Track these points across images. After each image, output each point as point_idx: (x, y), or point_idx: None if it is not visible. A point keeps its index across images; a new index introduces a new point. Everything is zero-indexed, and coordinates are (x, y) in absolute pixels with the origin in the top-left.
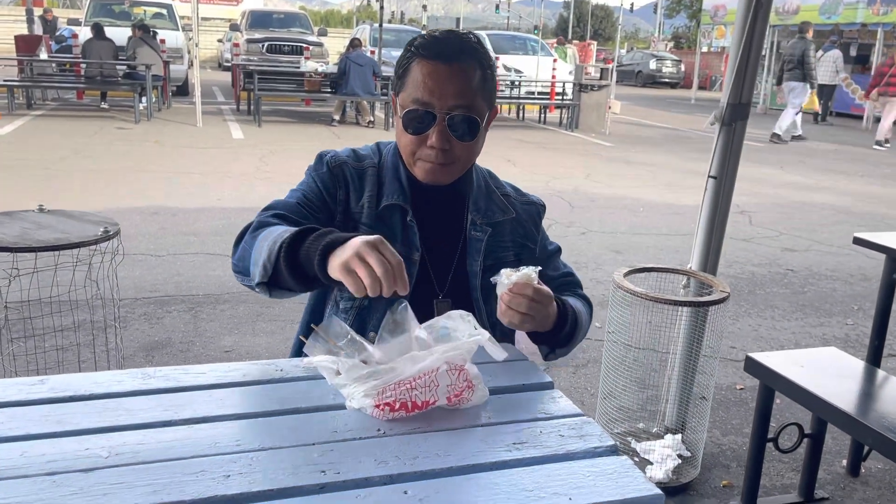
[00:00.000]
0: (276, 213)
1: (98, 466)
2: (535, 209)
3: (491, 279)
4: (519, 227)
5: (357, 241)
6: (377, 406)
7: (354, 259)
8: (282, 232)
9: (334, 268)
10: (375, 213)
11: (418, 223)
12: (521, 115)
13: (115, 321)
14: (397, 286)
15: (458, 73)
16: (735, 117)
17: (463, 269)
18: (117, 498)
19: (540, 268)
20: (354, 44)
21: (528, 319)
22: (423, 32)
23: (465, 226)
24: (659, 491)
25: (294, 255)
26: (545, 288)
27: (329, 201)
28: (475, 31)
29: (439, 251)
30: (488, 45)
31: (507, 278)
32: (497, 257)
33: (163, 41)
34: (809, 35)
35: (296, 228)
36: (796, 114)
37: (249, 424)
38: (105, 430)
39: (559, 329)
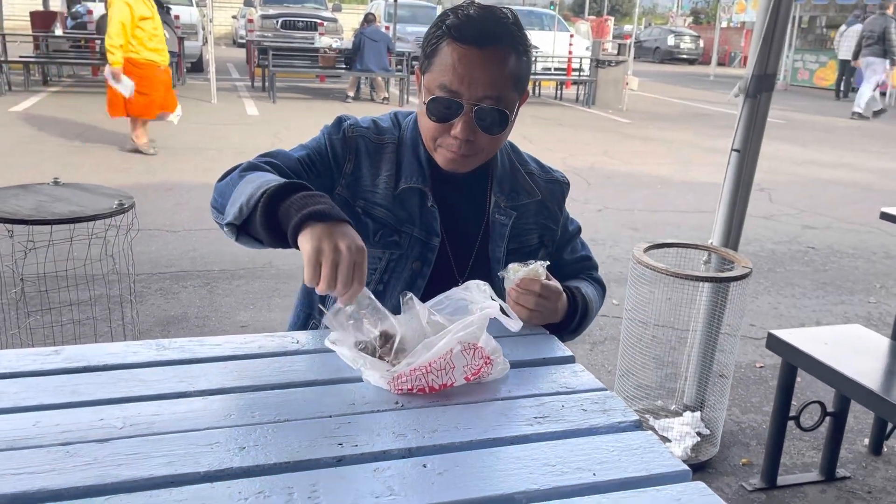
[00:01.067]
0: (271, 162)
1: (113, 437)
2: (560, 188)
3: (498, 273)
4: (543, 208)
5: (344, 238)
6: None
7: (329, 254)
8: (271, 179)
9: (306, 243)
10: (393, 195)
11: (439, 206)
12: (537, 91)
13: (132, 296)
14: (346, 296)
15: (491, 60)
16: (760, 89)
17: (485, 253)
18: (132, 469)
19: (548, 262)
20: (369, 19)
21: (536, 315)
22: (456, 6)
23: (488, 208)
24: (686, 467)
25: (274, 206)
26: (554, 283)
27: (334, 169)
28: (510, 7)
29: (460, 235)
30: None
31: (513, 273)
32: (521, 241)
33: (177, 17)
34: (890, 11)
35: (287, 180)
36: (874, 89)
37: (265, 396)
38: (119, 400)
39: (569, 321)
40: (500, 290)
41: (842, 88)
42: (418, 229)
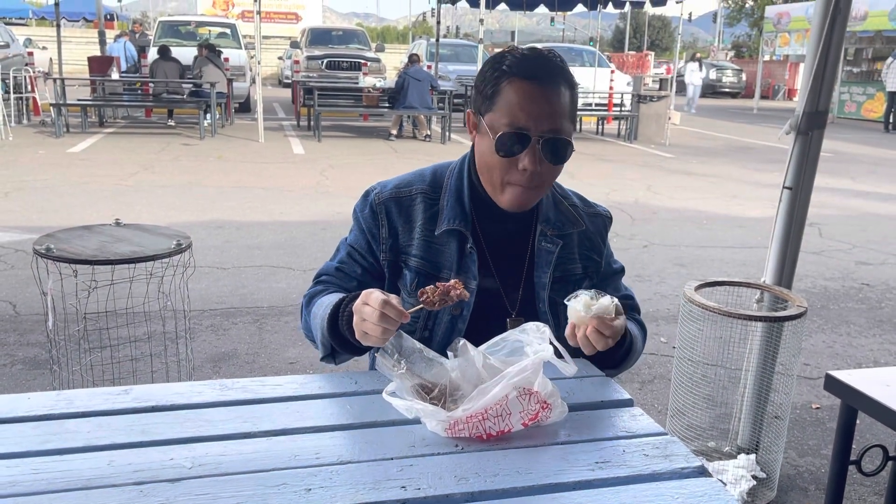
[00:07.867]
0: (322, 281)
1: (183, 477)
2: (602, 221)
3: (566, 300)
4: (586, 239)
5: (356, 313)
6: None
7: (359, 326)
8: (322, 315)
9: (360, 340)
10: (429, 242)
11: (484, 245)
12: (578, 127)
13: (186, 333)
14: (401, 319)
15: (551, 95)
16: (812, 126)
17: (530, 281)
18: None
19: (617, 301)
20: (412, 59)
21: (596, 349)
22: (507, 50)
23: (532, 237)
24: None
25: (340, 336)
26: (620, 322)
27: (373, 243)
28: (555, 49)
29: (507, 269)
30: None
31: (584, 307)
32: (566, 269)
33: (227, 59)
34: None
35: (329, 314)
36: None
37: (327, 437)
38: (187, 440)
39: (613, 351)
40: (543, 317)
41: (891, 121)
42: (455, 274)
